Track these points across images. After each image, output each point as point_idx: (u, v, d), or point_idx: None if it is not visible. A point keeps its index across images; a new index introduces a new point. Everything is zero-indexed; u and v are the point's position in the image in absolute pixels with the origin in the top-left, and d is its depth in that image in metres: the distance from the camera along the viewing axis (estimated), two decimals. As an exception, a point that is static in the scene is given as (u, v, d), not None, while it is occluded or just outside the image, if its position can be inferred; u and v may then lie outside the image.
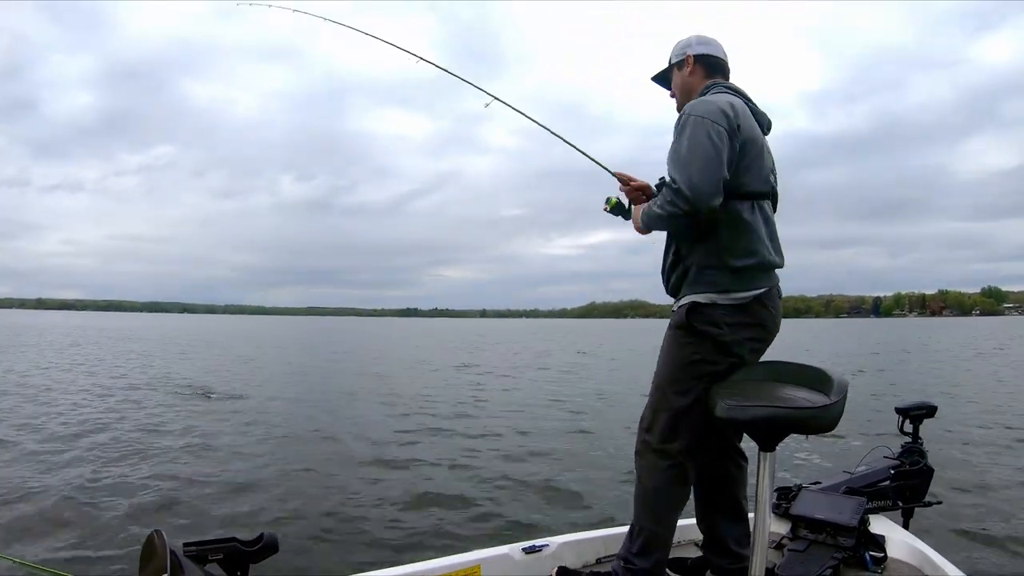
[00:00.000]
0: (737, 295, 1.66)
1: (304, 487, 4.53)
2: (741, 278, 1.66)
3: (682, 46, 1.89)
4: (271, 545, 1.27)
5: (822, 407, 1.37)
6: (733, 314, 1.66)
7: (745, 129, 1.66)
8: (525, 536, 2.16)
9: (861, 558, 1.96)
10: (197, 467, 5.04)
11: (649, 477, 1.74)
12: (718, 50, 1.87)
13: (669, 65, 1.94)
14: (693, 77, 1.86)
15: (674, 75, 1.92)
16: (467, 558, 1.86)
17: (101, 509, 3.91)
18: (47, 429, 6.47)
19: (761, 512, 1.49)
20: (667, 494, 1.73)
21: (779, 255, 1.74)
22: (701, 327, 1.67)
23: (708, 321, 1.67)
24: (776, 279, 1.76)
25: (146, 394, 9.32)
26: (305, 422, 7.23)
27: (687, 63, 1.87)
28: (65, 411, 7.60)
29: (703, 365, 1.67)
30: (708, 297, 1.68)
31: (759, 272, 1.68)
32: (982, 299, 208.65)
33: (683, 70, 1.88)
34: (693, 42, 1.87)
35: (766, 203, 1.74)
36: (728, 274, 1.66)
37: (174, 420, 7.18)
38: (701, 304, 1.68)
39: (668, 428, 1.71)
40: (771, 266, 1.72)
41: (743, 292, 1.66)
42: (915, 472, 2.36)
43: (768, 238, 1.71)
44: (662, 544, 1.74)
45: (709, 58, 1.86)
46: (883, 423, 6.74)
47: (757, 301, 1.67)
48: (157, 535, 1.10)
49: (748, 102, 1.76)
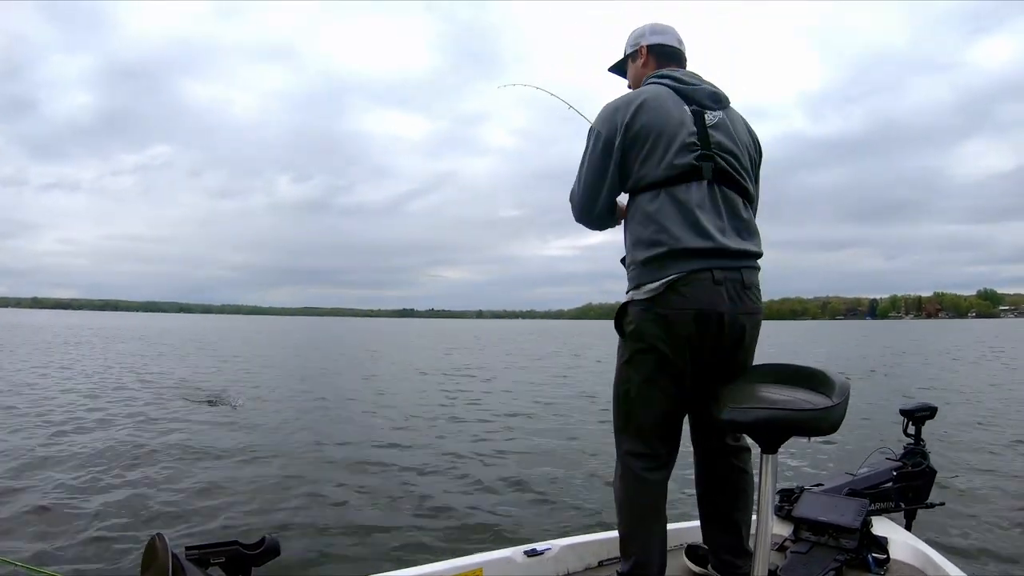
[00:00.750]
0: (647, 287, 1.60)
1: (305, 491, 4.51)
2: (649, 269, 1.61)
3: (635, 36, 1.88)
4: (273, 549, 1.27)
5: (824, 409, 1.37)
6: (647, 308, 1.61)
7: (639, 122, 1.63)
8: (527, 539, 2.16)
9: (864, 560, 1.96)
10: (197, 470, 5.01)
11: (615, 479, 1.76)
12: (672, 39, 1.84)
13: (624, 56, 1.92)
14: (646, 68, 1.84)
15: (629, 66, 1.91)
16: (469, 561, 1.85)
17: (100, 513, 3.88)
18: (45, 429, 6.45)
19: (763, 514, 1.49)
20: (621, 493, 1.73)
21: (707, 237, 1.58)
22: (625, 327, 1.67)
23: (629, 320, 1.66)
24: (706, 262, 1.58)
25: (144, 395, 9.28)
26: (304, 425, 7.19)
27: (640, 54, 1.85)
28: (63, 411, 7.57)
29: (634, 364, 1.66)
30: (629, 295, 1.67)
31: (668, 259, 1.58)
32: (978, 301, 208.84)
33: (636, 61, 1.87)
34: (647, 31, 1.86)
35: (684, 186, 1.61)
36: (639, 268, 1.64)
37: (172, 422, 7.14)
38: (625, 304, 1.68)
39: (618, 429, 1.74)
40: (687, 252, 1.57)
41: (651, 283, 1.59)
42: (917, 474, 2.36)
43: (686, 222, 1.59)
44: (638, 550, 1.69)
45: (663, 47, 1.83)
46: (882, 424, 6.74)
47: (671, 288, 1.57)
48: (159, 539, 1.10)
49: (681, 83, 1.71)
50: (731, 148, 1.68)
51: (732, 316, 1.60)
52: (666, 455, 1.71)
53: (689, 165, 1.62)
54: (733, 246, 1.61)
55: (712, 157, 1.64)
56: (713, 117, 1.68)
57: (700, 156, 1.63)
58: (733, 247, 1.61)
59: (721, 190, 1.65)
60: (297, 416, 7.79)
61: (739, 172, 1.68)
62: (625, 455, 1.71)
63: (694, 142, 1.63)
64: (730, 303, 1.59)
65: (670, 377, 1.63)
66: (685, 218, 1.59)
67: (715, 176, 1.64)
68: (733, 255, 1.61)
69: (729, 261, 1.61)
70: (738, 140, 1.71)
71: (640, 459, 1.69)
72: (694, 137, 1.64)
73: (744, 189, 1.70)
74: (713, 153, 1.64)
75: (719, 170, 1.64)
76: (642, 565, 1.68)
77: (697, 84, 1.72)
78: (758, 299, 1.68)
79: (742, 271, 1.63)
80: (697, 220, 1.59)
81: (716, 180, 1.64)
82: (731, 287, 1.60)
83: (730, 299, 1.60)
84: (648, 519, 1.70)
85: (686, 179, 1.62)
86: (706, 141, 1.65)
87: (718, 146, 1.66)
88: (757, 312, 1.68)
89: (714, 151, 1.65)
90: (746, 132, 1.77)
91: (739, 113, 1.79)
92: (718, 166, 1.64)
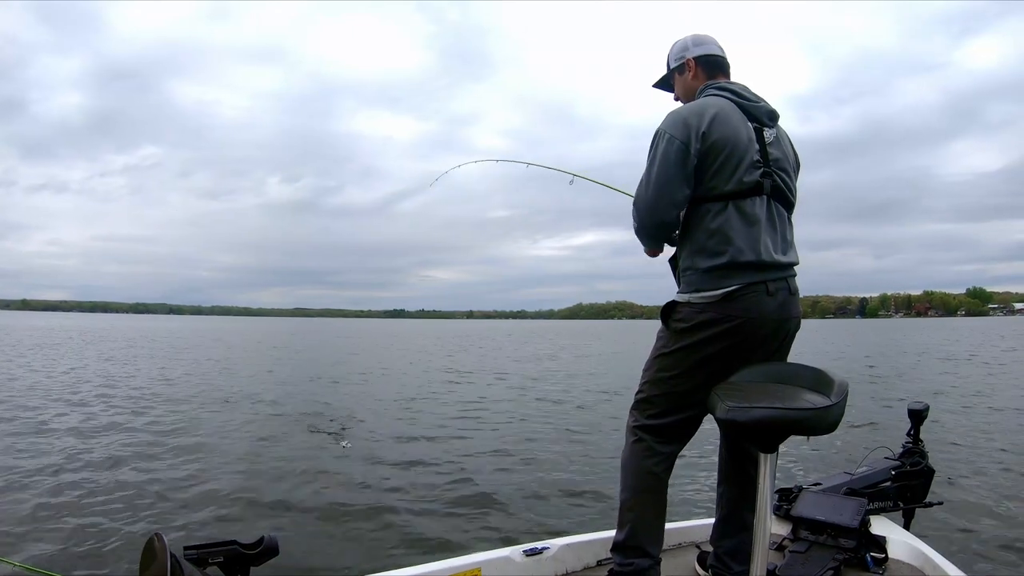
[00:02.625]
0: (706, 293, 1.69)
1: (304, 490, 4.51)
2: (710, 277, 1.69)
3: (679, 49, 1.91)
4: (271, 548, 1.26)
5: (823, 408, 1.37)
6: (702, 311, 1.69)
7: (715, 133, 1.67)
8: (526, 539, 2.16)
9: (862, 559, 1.96)
10: (197, 470, 5.01)
11: (625, 448, 1.83)
12: (715, 47, 1.89)
13: (669, 70, 1.95)
14: (696, 80, 1.88)
15: (676, 80, 1.94)
16: (467, 560, 1.85)
17: (99, 512, 3.89)
18: (42, 429, 6.45)
19: (762, 513, 1.48)
20: (628, 459, 1.80)
21: (764, 251, 1.68)
22: (672, 323, 1.75)
23: (678, 318, 1.74)
24: (762, 275, 1.68)
25: (141, 395, 9.27)
26: (302, 425, 7.20)
27: (688, 67, 1.88)
28: (60, 411, 7.58)
29: (676, 357, 1.74)
30: (684, 296, 1.75)
31: (730, 270, 1.67)
32: (967, 300, 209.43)
33: (685, 74, 1.90)
34: (689, 44, 1.89)
35: (750, 200, 1.70)
36: (700, 274, 1.71)
37: (170, 421, 7.14)
38: (678, 303, 1.75)
39: (639, 409, 1.81)
40: (747, 265, 1.67)
41: (711, 291, 1.68)
42: (916, 473, 2.36)
43: (749, 236, 1.68)
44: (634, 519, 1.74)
45: (709, 58, 1.87)
46: (882, 424, 6.75)
47: (727, 298, 1.66)
48: (157, 538, 1.10)
49: (742, 98, 1.76)
50: (784, 166, 1.78)
51: (780, 322, 1.71)
52: (679, 437, 1.80)
53: (755, 182, 1.71)
54: (784, 260, 1.73)
55: (771, 174, 1.73)
56: (770, 135, 1.77)
57: (763, 173, 1.72)
58: (784, 260, 1.73)
59: (776, 206, 1.75)
60: (296, 416, 7.79)
61: (789, 188, 1.79)
62: (638, 428, 1.79)
63: (758, 160, 1.72)
64: (780, 310, 1.70)
65: (706, 375, 1.69)
66: (749, 232, 1.69)
67: (772, 192, 1.73)
68: (782, 267, 1.73)
69: (779, 272, 1.72)
70: (788, 158, 1.80)
71: (652, 433, 1.77)
72: (758, 155, 1.72)
73: (791, 204, 1.80)
74: (772, 170, 1.74)
75: (775, 186, 1.74)
76: (636, 535, 1.73)
77: (757, 101, 1.79)
78: (799, 303, 1.79)
79: (788, 280, 1.74)
80: (759, 235, 1.69)
81: (772, 196, 1.74)
82: (781, 296, 1.71)
83: (780, 307, 1.70)
84: (650, 489, 1.77)
85: (751, 194, 1.71)
86: (766, 158, 1.74)
87: (775, 163, 1.75)
88: (799, 316, 1.80)
89: (772, 168, 1.74)
90: (791, 148, 1.86)
91: (784, 129, 1.86)
92: (775, 183, 1.74)
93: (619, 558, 1.74)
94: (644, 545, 1.72)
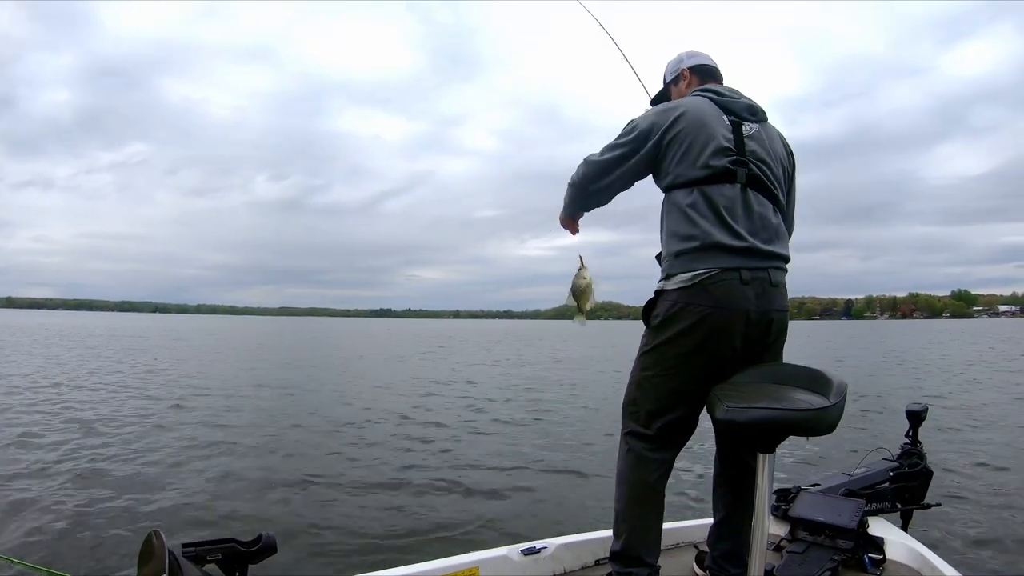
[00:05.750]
0: (678, 278, 1.68)
1: (302, 488, 4.51)
2: (681, 261, 1.68)
3: (675, 63, 1.99)
4: (270, 546, 1.26)
5: (821, 409, 1.36)
6: (675, 302, 1.67)
7: (680, 126, 1.71)
8: (523, 538, 2.15)
9: (860, 560, 1.96)
10: (194, 468, 5.01)
11: (618, 458, 1.80)
12: (706, 58, 1.97)
13: (665, 84, 2.03)
14: (690, 87, 1.94)
15: (672, 92, 2.00)
16: (465, 560, 1.84)
17: (97, 509, 3.87)
18: (38, 429, 6.44)
19: (760, 514, 1.48)
20: (621, 469, 1.77)
21: (735, 236, 1.64)
22: (651, 320, 1.74)
23: (655, 313, 1.73)
24: (734, 260, 1.64)
25: (138, 395, 9.24)
26: (300, 424, 7.18)
27: (683, 76, 1.96)
28: (58, 411, 7.57)
29: (655, 354, 1.72)
30: (659, 286, 1.74)
31: (700, 252, 1.65)
32: (952, 302, 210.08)
33: (680, 84, 1.97)
34: (684, 57, 1.98)
35: (719, 186, 1.68)
36: (672, 259, 1.72)
37: (169, 421, 7.12)
38: (655, 300, 1.75)
39: (627, 413, 1.79)
40: (716, 246, 1.64)
41: (681, 274, 1.67)
42: (914, 474, 2.36)
43: (717, 218, 1.66)
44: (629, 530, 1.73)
45: (702, 67, 1.95)
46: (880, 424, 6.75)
47: (699, 287, 1.64)
48: (155, 535, 1.09)
49: (720, 95, 1.79)
50: (764, 158, 1.74)
51: (758, 314, 1.66)
52: (670, 443, 1.75)
53: (724, 168, 1.69)
54: (762, 247, 1.68)
55: (746, 164, 1.71)
56: (750, 128, 1.76)
57: (735, 161, 1.70)
58: (762, 248, 1.68)
59: (754, 195, 1.71)
60: (292, 418, 7.76)
61: (771, 181, 1.75)
62: (629, 436, 1.77)
63: (730, 147, 1.71)
64: (756, 301, 1.66)
65: (689, 371, 1.67)
66: (717, 215, 1.67)
67: (748, 181, 1.71)
68: (762, 255, 1.68)
69: (757, 261, 1.67)
70: (772, 152, 1.78)
71: (644, 440, 1.74)
72: (730, 143, 1.71)
73: (775, 197, 1.76)
74: (747, 160, 1.72)
75: (752, 176, 1.71)
76: (631, 546, 1.71)
77: (736, 97, 1.80)
78: (784, 297, 1.74)
79: (769, 271, 1.69)
80: (729, 219, 1.66)
81: (749, 185, 1.71)
82: (758, 286, 1.66)
83: (756, 297, 1.66)
84: (644, 500, 1.74)
85: (720, 180, 1.69)
86: (741, 149, 1.72)
87: (752, 154, 1.73)
88: (783, 310, 1.74)
89: (748, 158, 1.72)
90: (781, 145, 1.84)
91: (776, 128, 1.86)
92: (751, 172, 1.71)
93: (617, 566, 1.74)
94: (641, 555, 1.71)
